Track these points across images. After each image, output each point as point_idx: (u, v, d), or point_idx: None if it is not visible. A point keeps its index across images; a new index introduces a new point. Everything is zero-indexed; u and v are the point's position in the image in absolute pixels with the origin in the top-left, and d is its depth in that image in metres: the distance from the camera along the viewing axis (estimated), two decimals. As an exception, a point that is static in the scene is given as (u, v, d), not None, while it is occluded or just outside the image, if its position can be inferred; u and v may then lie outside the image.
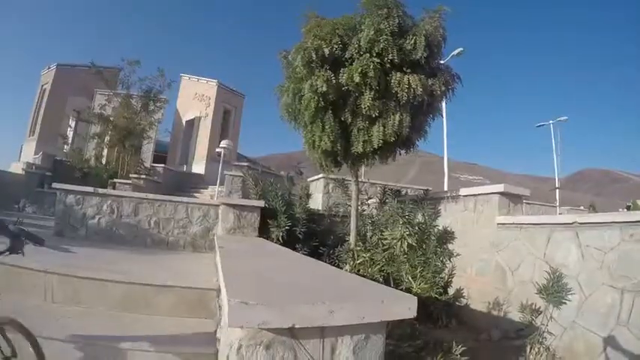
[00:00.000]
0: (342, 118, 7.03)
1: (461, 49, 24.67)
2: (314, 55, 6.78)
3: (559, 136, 39.90)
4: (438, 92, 7.02)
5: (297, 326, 2.09)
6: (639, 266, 5.44)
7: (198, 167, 29.09)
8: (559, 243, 6.64)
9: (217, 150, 23.00)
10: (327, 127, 6.95)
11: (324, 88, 6.67)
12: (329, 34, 6.87)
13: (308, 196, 10.20)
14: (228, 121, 32.34)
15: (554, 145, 39.45)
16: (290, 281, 3.04)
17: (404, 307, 2.43)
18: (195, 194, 20.14)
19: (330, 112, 7.01)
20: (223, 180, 17.16)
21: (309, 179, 16.81)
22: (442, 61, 7.91)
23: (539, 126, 41.84)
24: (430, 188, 13.34)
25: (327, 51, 6.76)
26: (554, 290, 5.88)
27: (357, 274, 6.91)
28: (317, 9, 7.26)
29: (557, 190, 35.95)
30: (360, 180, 8.87)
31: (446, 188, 18.67)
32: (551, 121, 40.55)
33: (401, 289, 6.42)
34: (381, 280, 6.81)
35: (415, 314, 2.40)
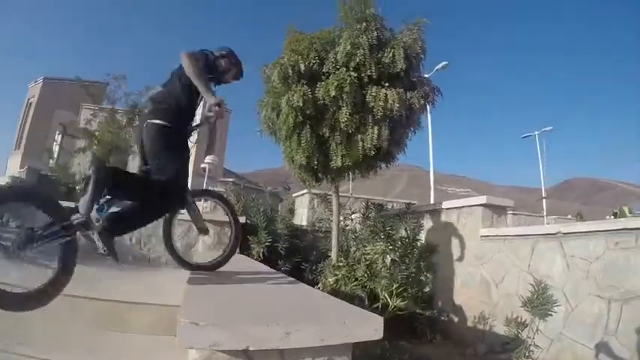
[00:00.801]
0: (321, 133, 6.95)
1: (445, 62, 24.90)
2: (290, 71, 6.72)
3: (544, 146, 40.23)
4: (417, 105, 6.94)
5: (251, 348, 1.96)
6: (626, 275, 5.39)
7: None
8: (543, 254, 6.59)
9: (202, 165, 22.77)
10: (302, 141, 6.86)
11: (301, 103, 6.60)
12: (306, 49, 6.81)
13: (291, 211, 10.10)
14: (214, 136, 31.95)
15: (539, 155, 39.75)
16: (252, 300, 2.92)
17: (369, 328, 2.31)
18: (180, 210, 19.87)
19: (308, 126, 6.93)
20: (208, 196, 17.03)
21: (294, 195, 16.75)
22: (426, 75, 7.87)
23: (525, 137, 42.23)
24: (415, 202, 13.26)
25: (302, 66, 6.70)
26: (539, 302, 5.79)
27: (338, 290, 6.82)
28: (303, 22, 7.23)
29: (544, 200, 36.18)
30: (343, 194, 8.78)
31: (432, 201, 18.64)
32: (536, 132, 40.96)
33: (377, 307, 6.31)
34: (363, 295, 6.69)
35: (381, 335, 2.29)
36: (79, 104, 26.81)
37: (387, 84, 6.77)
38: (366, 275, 6.98)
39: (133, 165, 25.40)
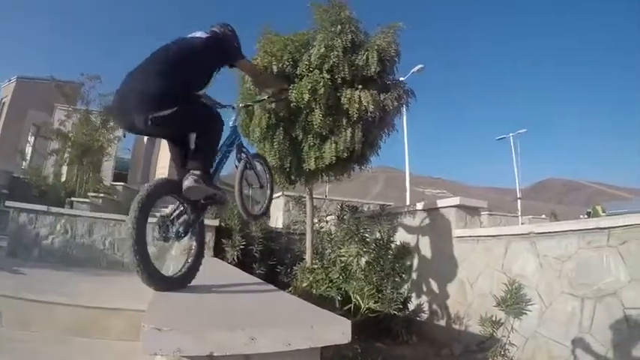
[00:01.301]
0: (294, 135, 6.91)
1: (421, 65, 25.11)
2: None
3: (518, 148, 40.64)
4: (391, 107, 6.92)
5: (215, 354, 1.92)
6: (598, 273, 5.48)
7: None
8: (516, 254, 6.66)
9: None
10: (275, 143, 6.82)
11: (273, 105, 6.54)
12: (280, 51, 6.75)
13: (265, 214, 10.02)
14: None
15: (514, 157, 40.13)
16: (220, 305, 2.88)
17: (337, 331, 2.28)
18: (156, 214, 19.54)
19: (281, 128, 6.88)
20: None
21: (270, 197, 16.70)
22: (402, 78, 7.87)
23: (500, 139, 42.59)
24: (391, 204, 13.28)
25: (276, 68, 6.65)
26: (513, 302, 5.87)
27: (310, 293, 6.79)
28: (279, 23, 7.18)
29: (519, 201, 36.56)
30: (318, 197, 8.75)
31: (408, 203, 18.72)
32: (510, 134, 41.36)
33: (349, 309, 6.31)
34: (339, 298, 6.67)
35: (349, 339, 2.26)
36: (52, 104, 26.27)
37: (360, 86, 6.76)
38: (340, 277, 6.97)
39: (108, 166, 25.09)
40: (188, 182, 3.27)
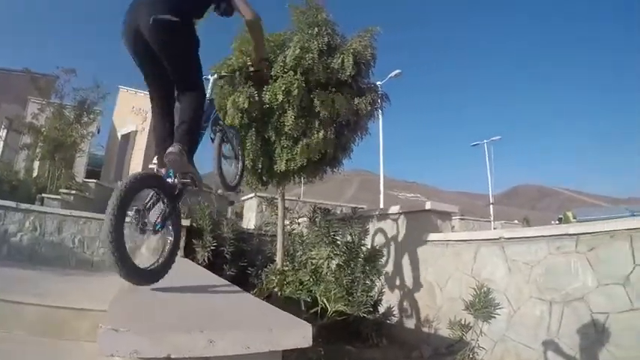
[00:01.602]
0: (266, 136, 6.87)
1: (399, 70, 25.21)
2: (237, 72, 6.62)
3: (492, 154, 41.05)
4: (364, 111, 6.92)
5: (173, 356, 1.87)
6: (567, 278, 5.57)
7: None
8: (486, 258, 6.73)
9: (150, 167, 22.26)
10: (247, 144, 6.77)
11: (246, 105, 6.50)
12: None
13: (237, 214, 9.97)
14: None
15: (487, 163, 40.51)
16: (181, 306, 2.82)
17: (297, 335, 2.25)
18: (129, 212, 19.17)
19: (254, 129, 6.84)
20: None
21: (242, 198, 16.56)
22: (379, 82, 7.87)
23: (474, 145, 42.98)
24: (364, 207, 13.28)
25: (251, 68, 6.63)
26: (482, 306, 5.89)
27: (277, 295, 6.76)
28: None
29: (492, 206, 36.92)
30: (290, 198, 8.71)
31: (382, 206, 18.77)
32: (485, 141, 41.77)
33: (315, 312, 6.30)
34: (308, 300, 6.66)
35: (310, 343, 2.23)
36: (26, 98, 25.71)
37: (334, 89, 6.75)
38: (311, 280, 6.95)
39: (80, 162, 24.62)
40: (173, 148, 3.17)
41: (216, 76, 4.58)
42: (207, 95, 4.17)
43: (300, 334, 2.26)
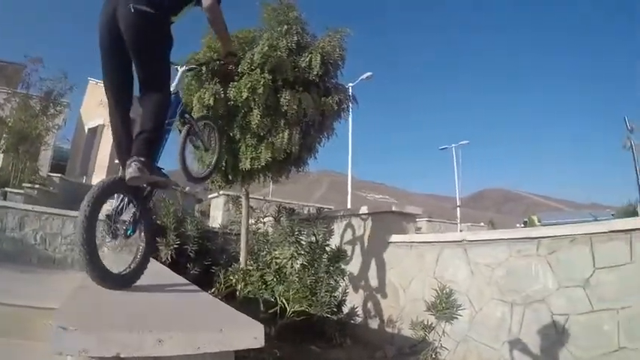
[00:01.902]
0: (232, 134, 6.82)
1: (370, 73, 25.38)
2: (204, 67, 6.55)
3: (460, 158, 41.59)
4: (331, 111, 6.90)
5: (122, 355, 1.83)
6: (527, 280, 5.67)
7: (98, 179, 26.73)
8: (449, 260, 6.82)
9: (116, 161, 21.83)
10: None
11: (212, 102, 6.43)
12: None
13: (203, 213, 9.87)
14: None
15: (455, 166, 41.00)
16: (133, 305, 2.76)
17: (248, 336, 2.21)
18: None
19: (219, 127, 6.78)
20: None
21: (209, 196, 16.42)
22: (351, 84, 7.89)
23: (443, 149, 43.47)
24: (331, 207, 13.29)
25: (217, 64, 6.56)
26: (443, 307, 5.92)
27: (241, 294, 6.72)
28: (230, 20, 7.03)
29: (459, 209, 37.32)
30: (256, 197, 8.66)
31: (349, 207, 18.82)
32: (453, 145, 42.26)
33: (275, 311, 6.28)
34: (272, 300, 6.62)
35: (262, 344, 2.19)
36: (-7, 87, 24.92)
37: (301, 88, 6.73)
38: (274, 280, 6.92)
39: (45, 155, 23.99)
40: (131, 170, 3.04)
41: (185, 67, 4.48)
42: (173, 88, 4.05)
43: (251, 334, 2.22)
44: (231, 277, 6.93)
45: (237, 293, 6.64)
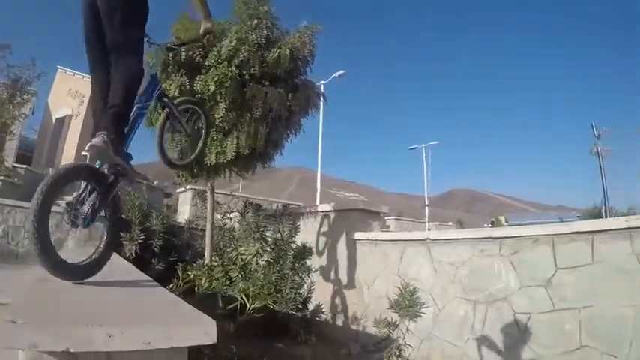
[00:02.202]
0: (196, 128, 6.74)
1: (342, 71, 25.49)
2: (171, 59, 6.45)
3: (429, 158, 41.96)
4: (298, 107, 6.87)
5: (72, 350, 1.79)
6: (490, 279, 5.78)
7: None
8: (412, 259, 6.89)
9: (83, 153, 21.38)
10: (176, 135, 6.61)
11: (177, 94, 6.34)
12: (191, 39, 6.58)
13: (168, 207, 9.73)
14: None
15: (424, 166, 41.32)
16: (86, 298, 2.69)
17: (199, 331, 2.17)
18: (59, 202, 18.22)
19: (184, 120, 6.69)
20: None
21: (177, 191, 16.26)
22: (323, 82, 7.85)
23: (412, 149, 43.73)
24: (300, 204, 13.27)
25: (184, 55, 6.47)
26: (406, 304, 5.94)
27: (200, 290, 6.66)
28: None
29: (427, 208, 37.64)
30: (221, 192, 8.57)
31: (318, 204, 18.82)
32: (423, 145, 42.57)
33: (234, 307, 6.23)
34: (235, 296, 6.57)
35: (215, 340, 2.15)
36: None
37: (268, 83, 6.67)
38: (239, 276, 6.87)
39: (11, 145, 23.43)
40: (96, 139, 2.93)
41: (164, 45, 4.29)
42: (152, 70, 3.99)
43: (202, 330, 2.18)
44: (189, 273, 6.83)
45: (196, 289, 6.55)
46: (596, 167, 31.76)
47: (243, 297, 6.22)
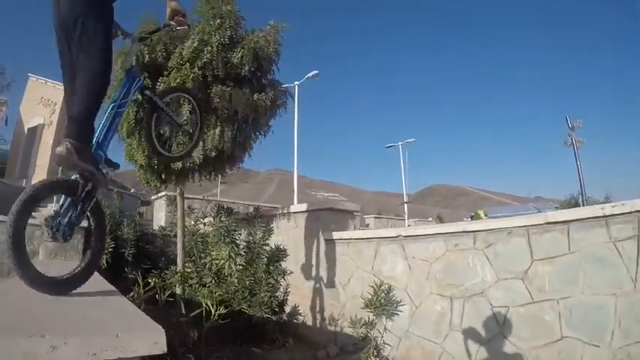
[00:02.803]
0: (161, 132, 6.59)
1: (316, 71, 25.46)
2: (134, 61, 6.31)
3: (407, 155, 42.24)
4: (264, 108, 6.74)
5: (14, 362, 1.69)
6: (465, 274, 5.73)
7: None
8: (386, 256, 6.85)
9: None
10: (142, 140, 6.46)
11: (140, 97, 6.20)
12: (154, 41, 6.42)
13: (141, 215, 9.56)
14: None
15: (402, 163, 41.55)
16: (32, 309, 2.60)
17: (148, 341, 2.07)
18: (33, 213, 17.87)
19: (148, 124, 6.54)
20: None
21: (152, 197, 16.10)
22: (297, 82, 7.76)
23: (389, 147, 43.89)
24: (278, 206, 13.16)
25: (147, 57, 6.33)
26: (381, 303, 5.90)
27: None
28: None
29: (406, 204, 37.82)
30: (192, 197, 8.42)
31: (295, 204, 18.75)
32: (400, 143, 42.74)
33: (200, 314, 6.10)
34: (212, 304, 6.45)
35: (164, 349, 2.06)
36: None
37: (232, 84, 6.55)
38: (213, 281, 6.76)
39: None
40: (58, 149, 2.81)
41: (135, 36, 4.16)
42: (127, 64, 3.94)
43: (151, 339, 2.08)
44: (150, 281, 6.69)
45: (158, 296, 6.40)
46: (571, 158, 32.25)
47: (208, 303, 6.07)
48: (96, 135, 3.19)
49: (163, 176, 7.11)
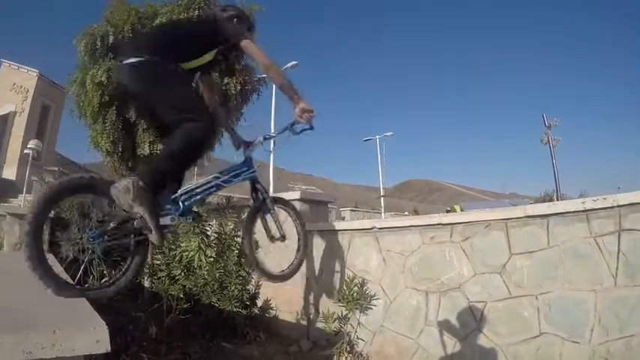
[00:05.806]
0: (127, 117, 6.36)
1: (295, 62, 25.68)
2: (99, 42, 6.07)
3: (384, 149, 42.46)
4: (233, 92, 6.54)
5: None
6: (442, 267, 5.59)
7: (10, 172, 25.51)
8: (359, 249, 6.69)
9: (26, 151, 20.70)
10: (107, 124, 6.23)
11: (105, 80, 5.96)
12: (122, 21, 6.19)
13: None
14: (47, 118, 28.54)
15: (379, 157, 41.78)
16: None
17: (89, 339, 1.92)
18: (3, 204, 17.47)
19: (114, 108, 6.29)
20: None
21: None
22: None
23: (367, 140, 44.15)
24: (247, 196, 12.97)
25: (112, 38, 6.10)
26: (354, 297, 5.80)
27: (153, 291, 6.40)
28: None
29: (382, 198, 38.12)
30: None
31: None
32: (377, 137, 43.01)
33: (161, 307, 5.93)
34: (182, 297, 6.27)
35: (108, 348, 1.89)
36: None
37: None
38: (182, 274, 6.58)
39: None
40: (120, 181, 2.87)
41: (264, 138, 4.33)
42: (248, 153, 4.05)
43: (92, 337, 1.92)
44: (161, 270, 6.53)
45: (161, 286, 6.25)
46: (546, 156, 32.94)
47: (169, 297, 5.89)
48: (186, 188, 3.25)
49: (130, 164, 6.90)
